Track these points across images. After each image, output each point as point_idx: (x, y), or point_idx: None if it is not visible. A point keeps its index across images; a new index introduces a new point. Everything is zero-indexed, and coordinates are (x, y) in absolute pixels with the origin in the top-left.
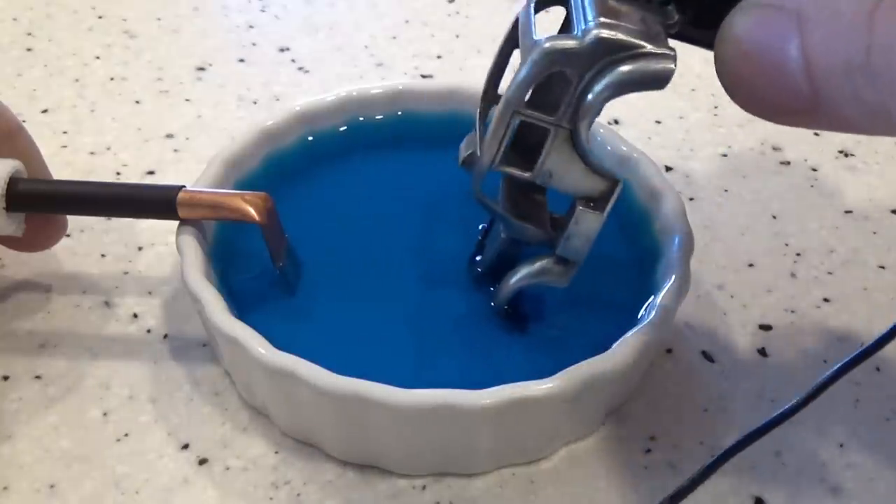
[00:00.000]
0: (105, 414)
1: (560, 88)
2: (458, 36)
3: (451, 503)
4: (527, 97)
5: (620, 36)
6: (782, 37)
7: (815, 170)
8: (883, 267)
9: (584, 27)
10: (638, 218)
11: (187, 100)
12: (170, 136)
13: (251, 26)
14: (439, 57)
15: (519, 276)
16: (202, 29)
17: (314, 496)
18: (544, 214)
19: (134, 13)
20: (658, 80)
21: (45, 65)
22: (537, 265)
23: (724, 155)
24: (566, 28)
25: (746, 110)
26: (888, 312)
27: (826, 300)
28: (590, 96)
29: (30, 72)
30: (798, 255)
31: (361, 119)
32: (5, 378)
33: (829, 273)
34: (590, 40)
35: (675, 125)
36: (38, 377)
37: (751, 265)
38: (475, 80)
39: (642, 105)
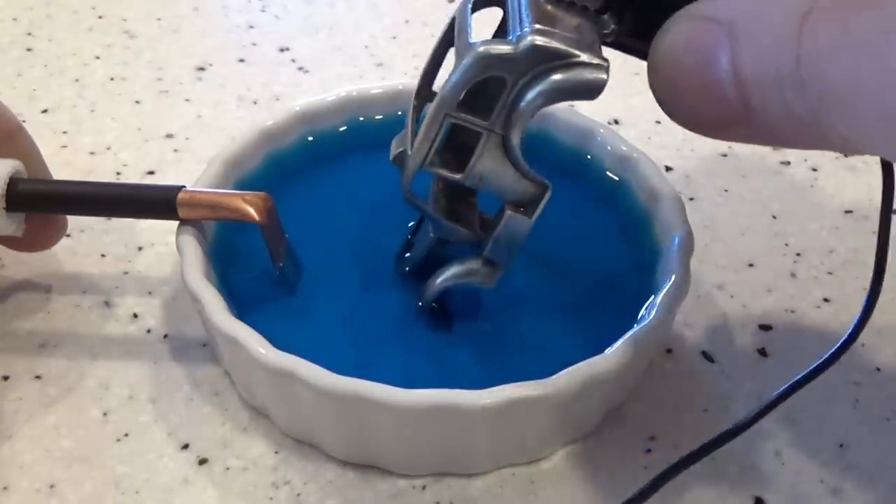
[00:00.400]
0: (105, 414)
1: (494, 91)
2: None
3: (452, 503)
4: (459, 99)
5: (555, 44)
6: (713, 48)
7: (815, 170)
8: None
9: (519, 33)
10: (638, 218)
11: (187, 100)
12: (170, 136)
13: (251, 26)
14: None
15: (446, 276)
16: (202, 29)
17: (314, 496)
18: (474, 215)
19: (134, 13)
20: (590, 90)
21: (45, 65)
22: (464, 266)
23: (724, 155)
24: (502, 30)
25: (678, 122)
26: (888, 312)
27: (826, 300)
28: (522, 103)
29: (30, 72)
30: (798, 255)
31: (361, 119)
32: (5, 378)
33: (829, 273)
34: (524, 47)
35: (675, 125)
36: (38, 377)
37: (751, 265)
38: None
39: (642, 105)
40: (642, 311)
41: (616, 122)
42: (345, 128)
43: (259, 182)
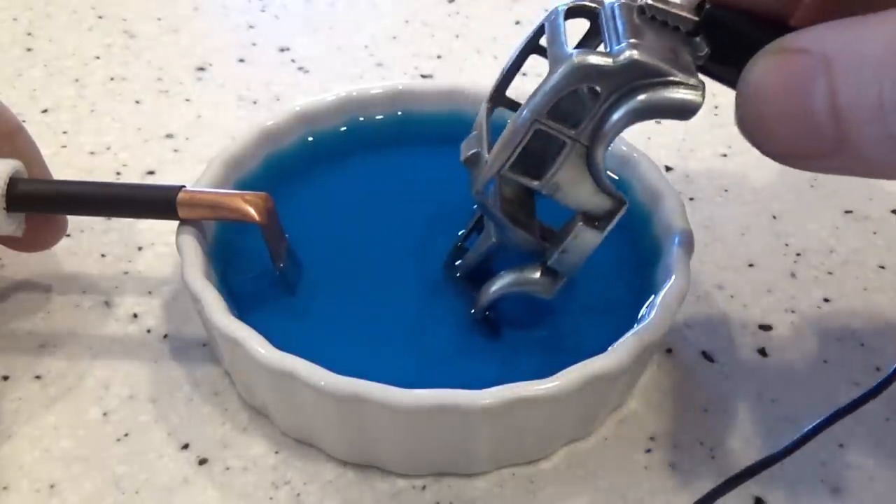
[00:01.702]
0: (105, 414)
1: (578, 101)
2: (458, 36)
3: (451, 503)
4: (550, 106)
5: (654, 61)
6: (808, 79)
7: None
8: (883, 267)
9: (617, 46)
10: (638, 218)
11: (187, 100)
12: (170, 136)
13: (251, 26)
14: (439, 57)
15: (503, 283)
16: (202, 29)
17: (314, 496)
18: (535, 222)
19: (134, 13)
20: (685, 112)
21: (45, 65)
22: (524, 274)
23: (724, 155)
24: (587, 41)
25: (766, 153)
26: (888, 312)
27: (826, 300)
28: (613, 117)
29: (30, 72)
30: (798, 255)
31: (361, 119)
32: (5, 378)
33: (829, 273)
34: (623, 60)
35: (675, 125)
36: (38, 377)
37: (751, 265)
38: (475, 80)
39: None
40: (642, 311)
41: None
42: (345, 128)
43: (259, 182)
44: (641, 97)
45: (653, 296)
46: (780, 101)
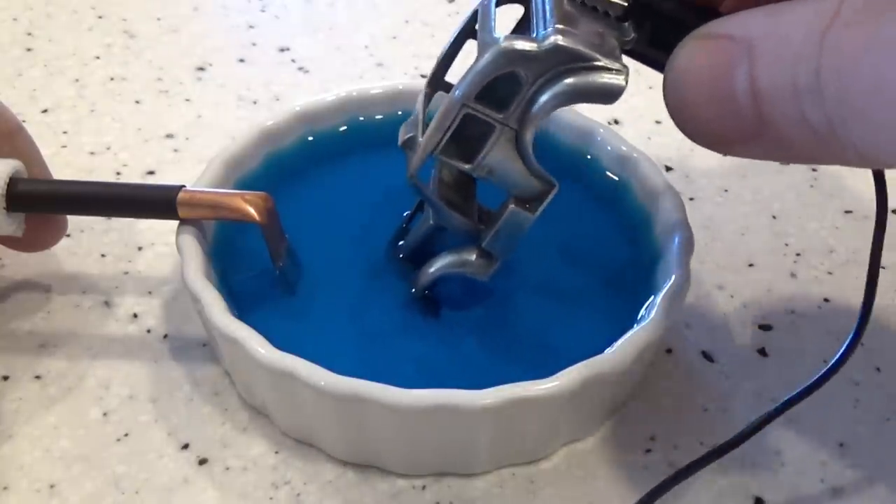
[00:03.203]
0: (105, 414)
1: (507, 86)
2: None
3: (451, 503)
4: (478, 91)
5: (577, 46)
6: (730, 64)
7: (814, 170)
8: (883, 267)
9: (543, 31)
10: (638, 218)
11: (187, 100)
12: (170, 136)
13: (251, 26)
14: None
15: (440, 265)
16: (202, 29)
17: (314, 496)
18: (473, 205)
19: (134, 13)
20: (607, 95)
21: (45, 65)
22: (459, 256)
23: (724, 155)
24: (521, 27)
25: (691, 138)
26: (888, 312)
27: (826, 300)
28: (539, 101)
29: (30, 72)
30: (798, 255)
31: (361, 119)
32: (5, 378)
33: (829, 273)
34: (548, 45)
35: (675, 125)
36: (38, 377)
37: (751, 265)
38: None
39: (642, 105)
40: (642, 311)
41: (616, 122)
42: (345, 128)
43: (259, 182)
44: (566, 81)
45: (653, 296)
46: (703, 86)
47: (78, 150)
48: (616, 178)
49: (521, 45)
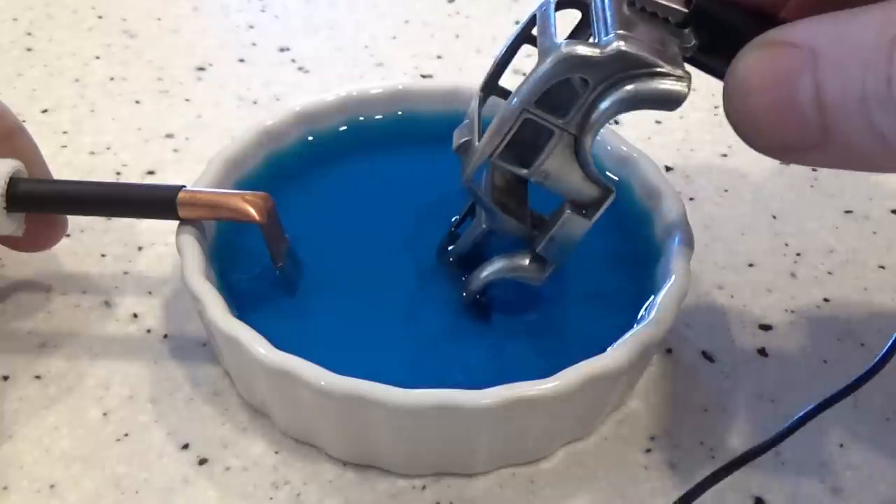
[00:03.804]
0: (105, 414)
1: (567, 91)
2: (458, 36)
3: (452, 503)
4: (539, 95)
5: (641, 52)
6: (794, 71)
7: (815, 170)
8: (883, 267)
9: (605, 37)
10: (638, 218)
11: (187, 100)
12: (170, 136)
13: (251, 26)
14: (439, 57)
15: (493, 269)
16: (202, 29)
17: (314, 496)
18: (526, 210)
19: (134, 13)
20: (670, 102)
21: (45, 65)
22: (513, 260)
23: (724, 155)
24: (579, 32)
25: (752, 146)
26: (888, 312)
27: (826, 300)
28: (601, 107)
29: (30, 72)
30: (798, 255)
31: (361, 119)
32: (5, 378)
33: (829, 273)
34: (611, 51)
35: (675, 125)
36: (38, 377)
37: (751, 265)
38: (475, 80)
39: None
40: (642, 311)
41: (616, 122)
42: (345, 128)
43: (259, 182)
44: (628, 87)
45: (653, 296)
46: (766, 94)
47: (78, 150)
48: (616, 179)
49: (584, 50)
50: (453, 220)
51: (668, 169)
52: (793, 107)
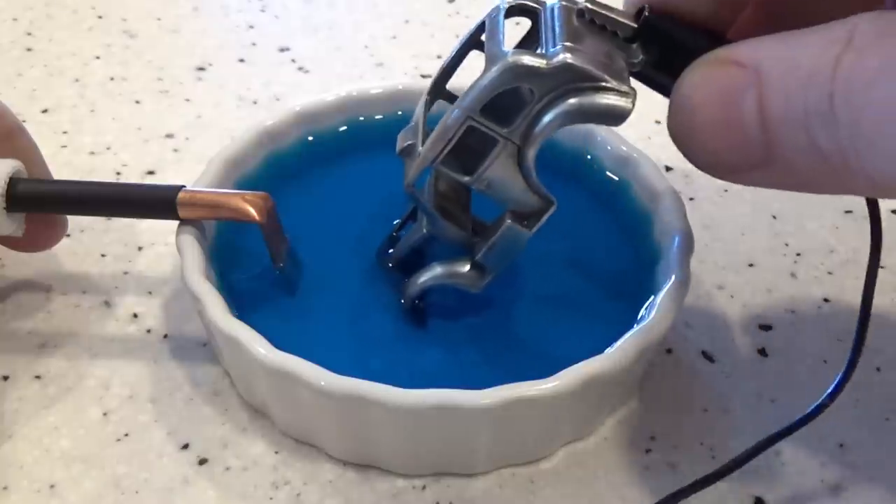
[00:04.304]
0: (105, 414)
1: (513, 101)
2: (458, 36)
3: (451, 503)
4: (483, 104)
5: (587, 65)
6: (739, 89)
7: None
8: (883, 267)
9: (552, 48)
10: (638, 218)
11: (187, 100)
12: (170, 136)
13: (251, 26)
14: (439, 57)
15: (431, 275)
16: (202, 29)
17: (314, 496)
18: (467, 216)
19: (134, 13)
20: (614, 117)
21: (45, 65)
22: (451, 267)
23: None
24: (527, 41)
25: (697, 165)
26: (888, 312)
27: (826, 300)
28: (545, 119)
29: (30, 72)
30: (798, 255)
31: (361, 119)
32: (5, 378)
33: (829, 273)
34: (557, 63)
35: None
36: (38, 377)
37: (751, 265)
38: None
39: (642, 105)
40: (642, 311)
41: None
42: (345, 128)
43: (259, 182)
44: (572, 101)
45: (653, 296)
46: (711, 112)
47: (78, 150)
48: (616, 179)
49: (530, 60)
50: (394, 223)
51: (668, 169)
52: (736, 124)
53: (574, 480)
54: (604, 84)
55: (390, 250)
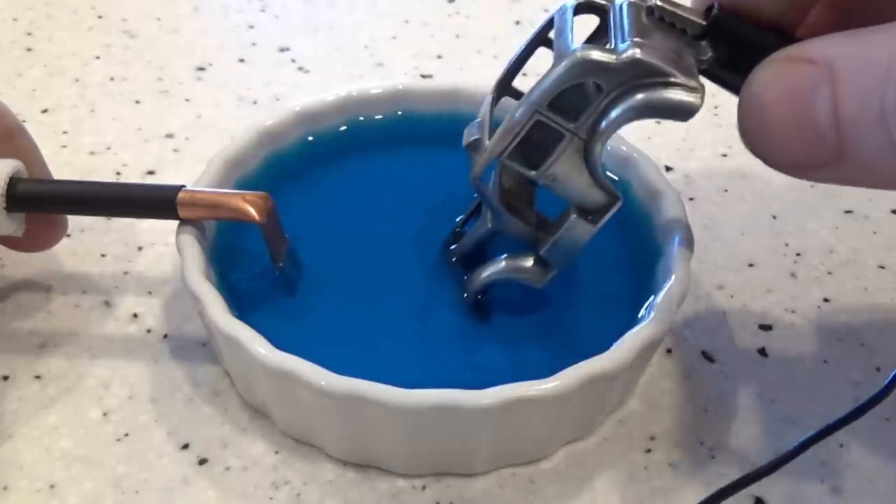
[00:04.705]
0: (105, 414)
1: (580, 96)
2: (458, 36)
3: (451, 503)
4: (551, 98)
5: (656, 61)
6: (812, 87)
7: None
8: (883, 267)
9: (621, 44)
10: (638, 218)
11: (187, 100)
12: (170, 136)
13: (251, 26)
14: (439, 57)
15: (495, 269)
16: (202, 29)
17: (314, 496)
18: (532, 212)
19: (134, 13)
20: (683, 112)
21: (45, 65)
22: (516, 262)
23: (724, 155)
24: (596, 38)
25: (767, 162)
26: (888, 312)
27: (826, 300)
28: (612, 114)
29: (30, 72)
30: (798, 255)
31: (361, 119)
32: (5, 378)
33: (829, 273)
34: (626, 58)
35: (675, 125)
36: (38, 377)
37: (751, 265)
38: (475, 80)
39: None
40: (642, 311)
41: None
42: (345, 128)
43: (259, 182)
44: (641, 96)
45: (653, 296)
46: (783, 110)
47: (78, 150)
48: (616, 178)
49: (599, 55)
50: (458, 218)
51: (668, 169)
52: (809, 122)
53: (574, 480)
54: (672, 80)
55: (453, 245)
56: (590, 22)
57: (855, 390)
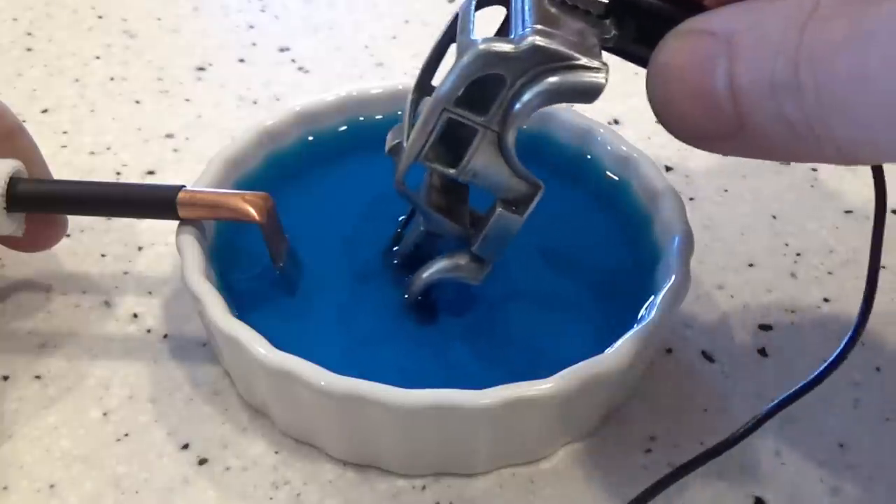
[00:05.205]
0: (105, 414)
1: (491, 88)
2: None
3: (451, 503)
4: (458, 94)
5: (555, 45)
6: (710, 59)
7: (814, 170)
8: (883, 267)
9: (520, 32)
10: (638, 218)
11: (187, 100)
12: (170, 136)
13: (251, 26)
14: None
15: (433, 270)
16: (202, 29)
17: (314, 496)
18: (465, 210)
19: (134, 13)
20: (587, 94)
21: (45, 65)
22: (451, 260)
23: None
24: (504, 30)
25: (672, 133)
26: (888, 312)
27: (826, 300)
28: (519, 103)
29: (30, 72)
30: (798, 255)
31: (361, 119)
32: (5, 378)
33: (829, 273)
34: (525, 46)
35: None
36: (38, 377)
37: (751, 265)
38: None
39: (642, 105)
40: (642, 311)
41: (616, 122)
42: (345, 128)
43: (259, 182)
44: (546, 81)
45: (653, 296)
46: (684, 82)
47: (78, 150)
48: (616, 179)
49: (499, 46)
50: (399, 220)
51: (668, 169)
52: (708, 94)
53: (574, 480)
54: (575, 62)
55: (395, 248)
56: (498, 15)
57: (855, 390)
